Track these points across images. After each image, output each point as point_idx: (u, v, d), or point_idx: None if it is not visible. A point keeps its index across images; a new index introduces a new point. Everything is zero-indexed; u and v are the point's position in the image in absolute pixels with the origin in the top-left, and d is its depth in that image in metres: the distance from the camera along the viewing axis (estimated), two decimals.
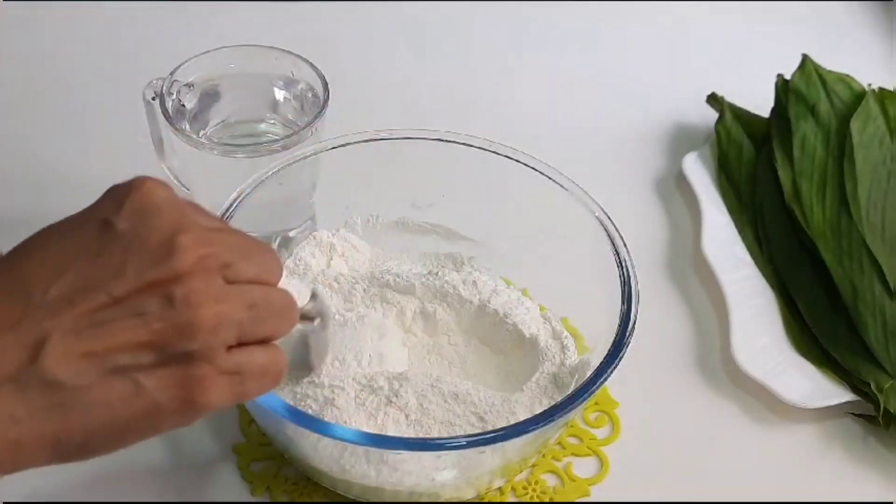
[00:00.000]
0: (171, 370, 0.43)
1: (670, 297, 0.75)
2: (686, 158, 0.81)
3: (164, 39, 0.90)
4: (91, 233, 0.44)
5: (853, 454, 0.66)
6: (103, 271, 0.43)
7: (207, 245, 0.44)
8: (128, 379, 0.43)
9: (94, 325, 0.42)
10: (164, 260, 0.43)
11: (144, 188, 0.45)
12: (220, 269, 0.45)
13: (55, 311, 0.42)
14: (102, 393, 0.42)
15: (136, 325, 0.43)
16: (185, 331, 0.43)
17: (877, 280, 0.71)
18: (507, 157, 0.67)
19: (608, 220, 0.64)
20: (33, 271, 0.43)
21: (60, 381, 0.41)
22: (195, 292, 0.43)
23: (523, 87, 0.90)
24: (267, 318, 0.46)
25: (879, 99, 0.82)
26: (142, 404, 0.43)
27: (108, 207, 0.45)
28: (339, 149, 0.68)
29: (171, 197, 0.45)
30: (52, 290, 0.42)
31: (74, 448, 0.43)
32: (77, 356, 0.42)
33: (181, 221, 0.44)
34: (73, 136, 0.82)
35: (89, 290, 0.42)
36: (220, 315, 0.44)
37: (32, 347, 0.41)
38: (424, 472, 0.57)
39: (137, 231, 0.44)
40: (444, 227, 0.71)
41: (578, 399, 0.56)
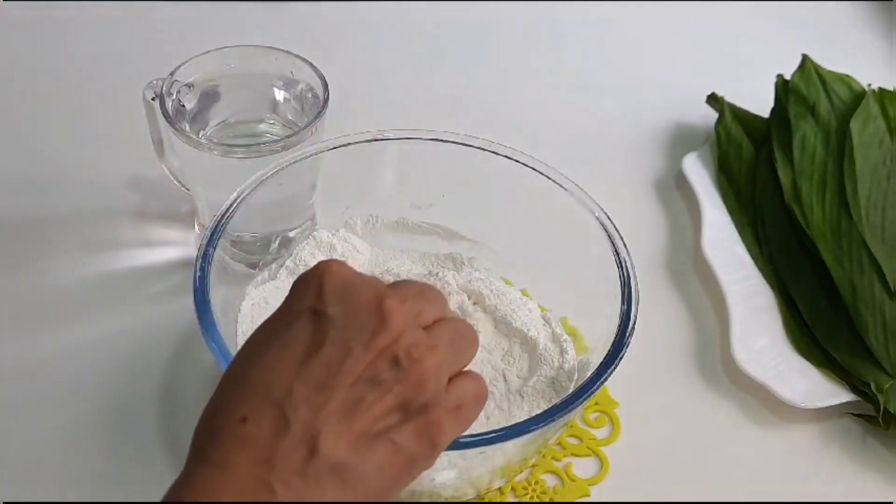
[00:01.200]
0: (414, 423, 0.48)
1: (670, 297, 0.75)
2: (686, 158, 0.81)
3: (164, 39, 0.90)
4: (307, 327, 0.48)
5: (853, 454, 0.66)
6: (336, 358, 0.47)
7: (406, 301, 0.49)
8: (387, 441, 0.47)
9: (349, 407, 0.46)
10: (381, 328, 0.48)
11: (333, 271, 0.49)
12: (416, 320, 0.49)
13: (311, 407, 0.46)
14: (374, 459, 0.47)
15: (381, 393, 0.47)
16: (417, 385, 0.48)
17: (877, 280, 0.71)
18: (507, 157, 0.67)
19: (608, 220, 0.64)
20: (269, 377, 0.47)
21: (343, 461, 0.46)
22: (413, 348, 0.48)
23: (523, 88, 0.90)
24: (464, 348, 0.51)
25: (879, 99, 0.82)
26: (401, 459, 0.48)
27: (310, 297, 0.48)
28: (339, 149, 0.68)
29: (355, 272, 0.50)
30: (298, 388, 0.46)
31: None
32: (347, 436, 0.46)
33: (379, 290, 0.49)
34: (72, 136, 0.82)
35: (332, 379, 0.46)
36: (437, 362, 0.48)
37: (309, 442, 0.46)
38: (424, 472, 0.57)
39: (347, 311, 0.48)
40: (444, 227, 0.71)
41: (578, 399, 0.56)
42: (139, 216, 0.76)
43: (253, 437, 0.45)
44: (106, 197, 0.77)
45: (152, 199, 0.77)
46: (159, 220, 0.76)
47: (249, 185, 0.64)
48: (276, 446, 0.45)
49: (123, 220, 0.76)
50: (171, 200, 0.76)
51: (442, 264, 0.70)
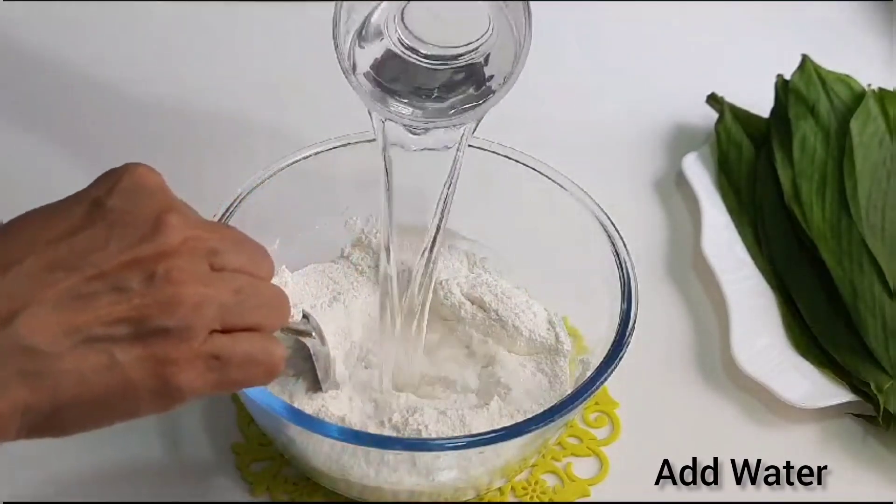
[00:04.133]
0: (146, 346, 0.42)
1: (670, 297, 0.75)
2: (686, 158, 0.81)
3: (164, 39, 0.90)
4: (80, 211, 0.44)
5: (853, 454, 0.66)
6: (88, 245, 0.43)
7: (196, 228, 0.44)
8: (102, 352, 0.42)
9: (73, 298, 0.42)
10: (150, 237, 0.43)
11: (137, 171, 0.45)
12: (207, 255, 0.45)
13: (34, 281, 0.42)
14: (75, 362, 0.42)
15: (116, 300, 0.42)
16: (164, 307, 0.42)
17: (877, 280, 0.71)
18: (507, 157, 0.67)
19: (608, 220, 0.64)
20: (13, 246, 0.43)
21: (33, 346, 0.41)
22: (178, 270, 0.43)
23: (523, 87, 0.90)
24: (255, 306, 0.46)
25: (879, 99, 0.82)
26: (115, 379, 0.42)
27: (100, 188, 0.45)
28: (339, 149, 0.68)
29: (162, 183, 0.46)
30: (32, 259, 0.42)
31: (44, 418, 0.42)
32: (53, 325, 0.41)
33: (171, 204, 0.45)
34: (72, 135, 0.82)
35: (72, 264, 0.42)
36: (202, 294, 0.43)
37: (6, 314, 0.41)
38: (424, 472, 0.57)
39: (126, 209, 0.44)
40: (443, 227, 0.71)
41: (578, 399, 0.56)
42: None
43: None
44: None
45: None
46: None
47: (248, 186, 0.64)
48: None
49: None
50: None
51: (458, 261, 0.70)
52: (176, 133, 0.82)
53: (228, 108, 0.84)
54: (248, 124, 0.83)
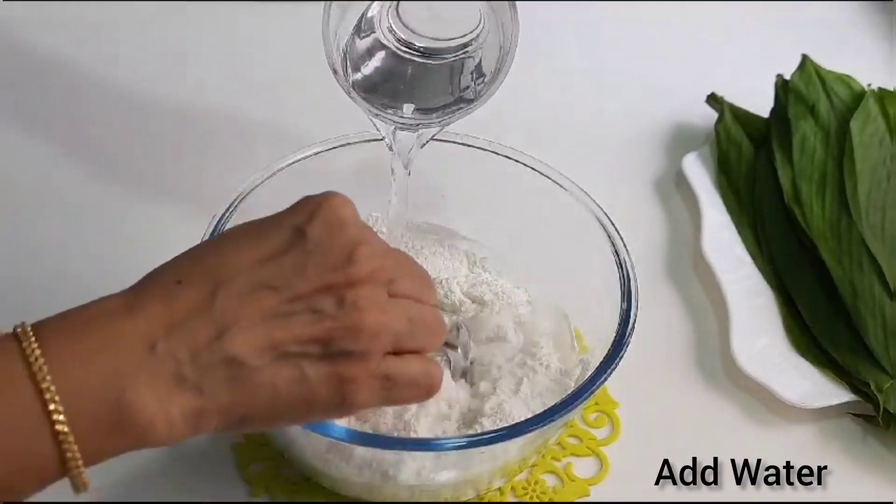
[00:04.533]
0: (331, 365, 0.47)
1: (670, 297, 0.75)
2: (686, 158, 0.81)
3: (164, 40, 0.90)
4: (284, 236, 0.49)
5: (853, 454, 0.66)
6: (290, 270, 0.48)
7: (379, 259, 0.49)
8: (295, 366, 0.47)
9: (275, 317, 0.47)
10: (343, 267, 0.48)
11: (335, 203, 0.50)
12: (387, 283, 0.49)
13: (243, 301, 0.47)
14: (272, 375, 0.47)
15: (311, 321, 0.47)
16: (350, 331, 0.47)
17: (877, 280, 0.71)
18: (508, 157, 0.67)
19: (608, 220, 0.64)
20: (224, 262, 0.48)
21: (240, 359, 0.46)
22: (364, 298, 0.48)
23: (523, 87, 0.90)
24: (422, 332, 0.50)
25: (879, 99, 0.82)
26: (302, 391, 0.47)
27: (302, 216, 0.49)
28: (339, 149, 0.68)
29: (356, 215, 0.50)
30: (242, 279, 0.47)
31: (237, 419, 0.47)
32: (256, 340, 0.46)
33: (362, 237, 0.49)
34: (73, 135, 0.82)
35: (276, 285, 0.47)
36: (381, 323, 0.48)
37: (219, 327, 0.46)
38: (424, 472, 0.57)
39: (324, 240, 0.48)
40: (444, 227, 0.71)
41: (578, 399, 0.56)
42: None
43: (175, 299, 0.46)
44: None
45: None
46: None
47: (248, 186, 0.64)
48: (189, 317, 0.46)
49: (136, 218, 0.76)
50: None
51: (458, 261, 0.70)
52: (176, 133, 0.82)
53: (228, 108, 0.84)
54: (248, 124, 0.83)
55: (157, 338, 0.45)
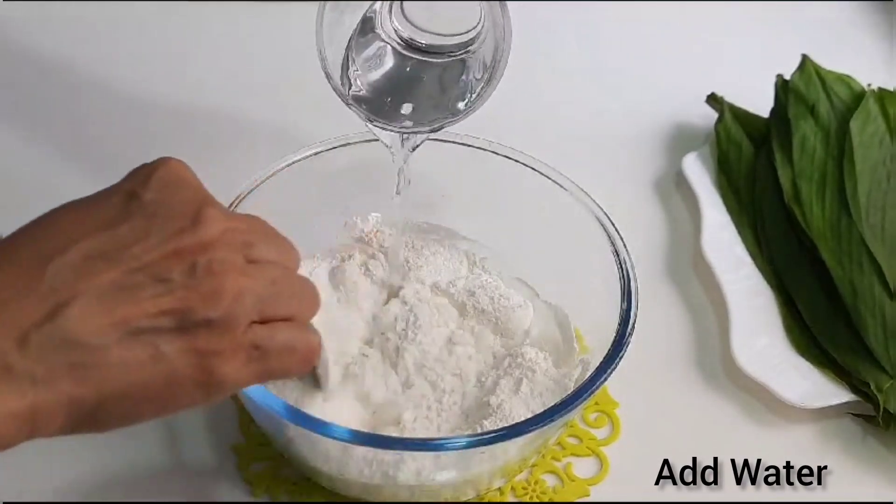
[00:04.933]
0: (190, 337, 0.43)
1: (670, 297, 0.75)
2: (686, 158, 0.81)
3: (164, 39, 0.90)
4: (116, 203, 0.44)
5: (853, 454, 0.66)
6: (129, 237, 0.43)
7: (231, 220, 0.45)
8: (148, 343, 0.42)
9: (117, 290, 0.42)
10: (190, 228, 0.43)
11: (170, 164, 0.46)
12: (243, 247, 0.45)
13: (77, 274, 0.42)
14: (121, 355, 0.42)
15: (160, 292, 0.42)
16: (207, 298, 0.43)
17: (877, 280, 0.71)
18: (507, 157, 0.67)
19: (608, 220, 0.64)
20: (53, 238, 0.43)
21: (79, 339, 0.41)
22: (219, 262, 0.43)
23: (523, 87, 0.90)
24: (289, 296, 0.46)
25: (879, 99, 0.82)
26: (160, 370, 0.42)
27: (135, 181, 0.45)
28: (339, 149, 0.68)
29: (194, 176, 0.46)
30: (75, 252, 0.42)
31: (88, 413, 0.42)
32: (98, 318, 0.41)
33: (207, 197, 0.45)
34: (73, 135, 0.82)
35: (114, 255, 0.42)
36: (242, 285, 0.44)
37: (53, 307, 0.41)
38: (424, 472, 0.57)
39: (164, 200, 0.44)
40: (444, 227, 0.71)
41: (578, 399, 0.56)
42: None
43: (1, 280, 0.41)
44: None
45: None
46: None
47: (249, 186, 0.64)
48: (15, 297, 0.41)
49: None
50: None
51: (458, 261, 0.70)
52: (175, 133, 0.82)
53: (228, 108, 0.84)
54: (249, 124, 0.83)
55: None
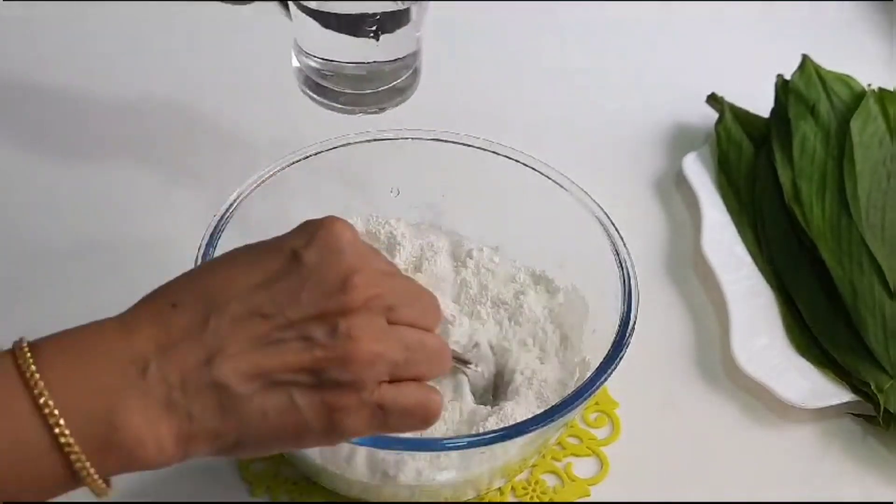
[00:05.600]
0: (322, 394, 0.47)
1: (670, 297, 0.75)
2: (686, 158, 0.81)
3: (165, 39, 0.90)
4: (280, 260, 0.48)
5: (853, 454, 0.66)
6: (283, 296, 0.47)
7: (377, 287, 0.48)
8: (285, 394, 0.46)
9: (266, 343, 0.46)
10: (337, 294, 0.47)
11: (334, 228, 0.49)
12: (385, 311, 0.48)
13: (234, 326, 0.46)
14: (261, 403, 0.46)
15: (302, 349, 0.46)
16: (342, 361, 0.47)
17: (877, 280, 0.71)
18: (507, 157, 0.67)
19: (608, 220, 0.64)
20: (219, 285, 0.47)
21: (229, 386, 0.46)
22: (357, 328, 0.47)
23: (523, 87, 0.90)
24: (421, 360, 0.49)
25: (879, 99, 0.82)
26: (291, 419, 0.47)
27: (299, 240, 0.49)
28: (340, 149, 0.68)
29: (355, 240, 0.49)
30: (235, 305, 0.46)
31: (228, 446, 0.47)
32: (245, 367, 0.46)
33: (359, 264, 0.48)
34: (73, 134, 0.82)
35: (268, 312, 0.47)
36: (375, 352, 0.47)
37: (210, 352, 0.46)
38: (424, 472, 0.57)
39: (320, 266, 0.48)
40: (444, 227, 0.71)
41: (578, 399, 0.56)
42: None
43: (168, 322, 0.46)
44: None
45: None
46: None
47: (248, 187, 0.64)
48: (182, 340, 0.46)
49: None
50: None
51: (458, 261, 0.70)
52: (176, 133, 0.82)
53: (229, 109, 0.84)
54: (249, 124, 0.83)
55: (149, 360, 0.45)
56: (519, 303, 0.67)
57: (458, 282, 0.68)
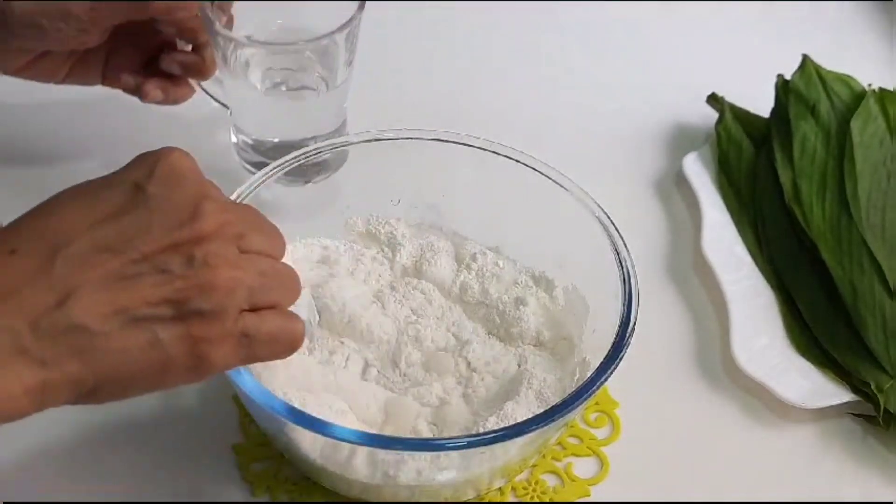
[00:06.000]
0: (185, 325, 0.46)
1: (670, 297, 0.75)
2: (686, 158, 0.81)
3: None
4: (121, 194, 0.47)
5: (853, 454, 0.66)
6: (132, 229, 0.46)
7: (226, 213, 0.48)
8: (147, 330, 0.45)
9: (121, 279, 0.45)
10: (188, 223, 0.46)
11: (172, 157, 0.48)
12: (236, 238, 0.48)
13: (83, 264, 0.45)
14: (122, 341, 0.45)
15: (159, 282, 0.46)
16: (202, 290, 0.46)
17: (877, 280, 0.71)
18: (507, 157, 0.67)
19: (608, 220, 0.64)
20: (60, 225, 0.46)
21: (85, 326, 0.44)
22: (214, 255, 0.46)
23: (523, 88, 0.90)
24: (276, 286, 0.49)
25: (879, 99, 0.82)
26: (156, 355, 0.46)
27: (139, 172, 0.48)
28: (339, 149, 0.68)
29: (195, 168, 0.49)
30: (81, 242, 0.45)
31: (89, 390, 0.46)
32: (102, 306, 0.45)
33: (205, 190, 0.48)
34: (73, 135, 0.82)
35: (118, 247, 0.45)
36: (234, 278, 0.47)
37: (60, 294, 0.44)
38: (424, 472, 0.57)
39: (165, 195, 0.47)
40: (444, 227, 0.71)
41: (578, 399, 0.56)
42: None
43: (10, 268, 0.45)
44: None
45: None
46: None
47: (249, 186, 0.64)
48: (28, 284, 0.44)
49: None
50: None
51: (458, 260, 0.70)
52: (176, 132, 0.82)
53: None
54: None
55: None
56: (520, 304, 0.67)
57: (458, 283, 0.68)
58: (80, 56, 0.71)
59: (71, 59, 0.71)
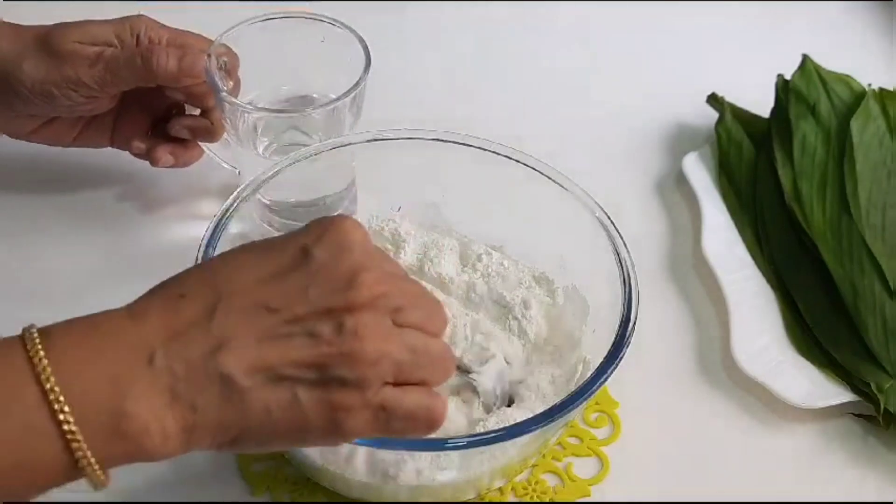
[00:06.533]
0: (325, 391, 0.47)
1: (670, 297, 0.75)
2: (686, 158, 0.81)
3: None
4: (289, 255, 0.48)
5: (853, 454, 0.66)
6: (292, 291, 0.47)
7: (384, 286, 0.48)
8: (288, 390, 0.47)
9: (273, 338, 0.46)
10: (344, 291, 0.47)
11: (344, 226, 0.49)
12: (391, 312, 0.48)
13: (240, 319, 0.46)
14: (264, 397, 0.46)
15: (307, 344, 0.47)
16: (347, 358, 0.47)
17: (877, 280, 0.71)
18: (507, 157, 0.67)
19: (608, 220, 0.64)
20: (228, 277, 0.48)
21: (233, 377, 0.46)
22: (363, 326, 0.47)
23: (523, 87, 0.90)
24: (425, 364, 0.49)
25: (879, 99, 0.82)
26: (293, 415, 0.47)
27: (310, 237, 0.49)
28: (339, 149, 0.68)
29: (365, 239, 0.50)
30: (243, 297, 0.47)
31: (229, 440, 0.47)
32: (249, 360, 0.46)
33: (367, 262, 0.49)
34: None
35: (275, 305, 0.47)
36: (381, 351, 0.47)
37: (216, 344, 0.46)
38: (424, 473, 0.57)
39: (328, 262, 0.48)
40: (444, 226, 0.71)
41: (578, 399, 0.56)
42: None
43: (176, 312, 0.46)
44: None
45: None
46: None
47: (249, 187, 0.64)
48: (189, 330, 0.46)
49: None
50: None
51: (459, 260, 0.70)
52: None
53: None
54: None
55: (156, 349, 0.45)
56: (522, 305, 0.67)
57: (462, 283, 0.68)
58: (88, 120, 0.73)
59: (80, 124, 0.73)
